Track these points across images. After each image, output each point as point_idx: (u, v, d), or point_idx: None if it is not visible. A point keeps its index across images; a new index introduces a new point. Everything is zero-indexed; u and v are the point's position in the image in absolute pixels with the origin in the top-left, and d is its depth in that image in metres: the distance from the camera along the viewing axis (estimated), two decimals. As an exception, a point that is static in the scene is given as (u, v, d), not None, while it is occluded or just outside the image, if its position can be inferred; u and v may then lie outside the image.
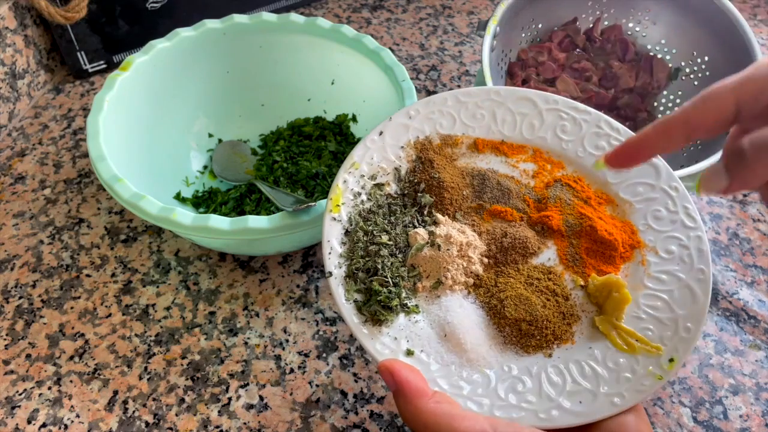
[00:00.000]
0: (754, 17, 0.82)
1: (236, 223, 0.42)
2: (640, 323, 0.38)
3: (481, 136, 0.45)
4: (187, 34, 0.55)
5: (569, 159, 0.44)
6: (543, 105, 0.45)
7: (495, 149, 0.45)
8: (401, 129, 0.44)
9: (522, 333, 0.38)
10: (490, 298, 0.40)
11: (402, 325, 0.38)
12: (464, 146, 0.45)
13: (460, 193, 0.43)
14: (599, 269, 0.41)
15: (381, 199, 0.42)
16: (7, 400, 0.44)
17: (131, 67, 0.51)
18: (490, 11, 0.81)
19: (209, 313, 0.49)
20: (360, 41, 0.55)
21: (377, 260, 0.39)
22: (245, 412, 0.43)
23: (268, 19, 0.56)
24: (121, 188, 0.44)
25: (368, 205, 0.41)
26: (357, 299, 0.38)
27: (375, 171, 0.42)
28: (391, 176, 0.43)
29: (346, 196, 0.41)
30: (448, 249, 0.40)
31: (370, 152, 0.43)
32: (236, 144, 0.59)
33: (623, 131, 0.44)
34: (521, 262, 0.41)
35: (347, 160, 0.42)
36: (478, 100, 0.45)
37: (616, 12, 0.64)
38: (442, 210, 0.42)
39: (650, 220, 0.41)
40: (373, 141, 0.43)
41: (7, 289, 0.50)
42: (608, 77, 0.63)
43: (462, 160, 0.45)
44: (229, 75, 0.59)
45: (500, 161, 0.45)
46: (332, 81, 0.59)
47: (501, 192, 0.43)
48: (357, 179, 0.42)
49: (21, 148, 0.62)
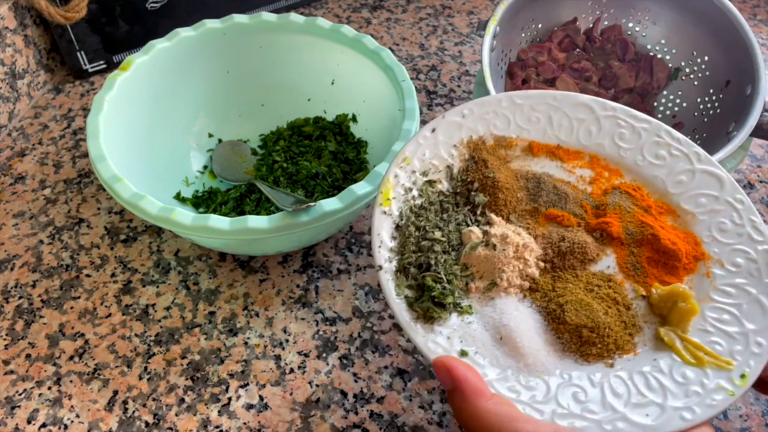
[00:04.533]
0: (754, 17, 0.82)
1: (236, 223, 0.42)
2: (707, 336, 0.37)
3: (536, 139, 0.44)
4: (187, 34, 0.55)
5: (627, 167, 0.43)
6: (600, 111, 0.44)
7: (550, 153, 0.44)
8: (454, 127, 0.43)
9: (582, 340, 0.37)
10: (548, 303, 0.38)
11: (455, 325, 0.36)
12: (518, 149, 0.44)
13: (514, 194, 0.42)
14: (661, 279, 0.39)
15: (433, 196, 0.41)
16: (7, 400, 0.44)
17: (131, 67, 0.51)
18: (490, 11, 0.81)
19: (209, 313, 0.49)
20: (360, 41, 0.55)
21: (430, 256, 0.38)
22: (245, 412, 0.43)
23: (268, 19, 0.56)
24: (121, 188, 0.44)
25: (419, 201, 0.40)
26: (408, 295, 0.37)
27: (427, 167, 0.42)
28: (443, 174, 0.42)
29: (396, 191, 0.40)
30: (504, 249, 0.38)
31: (422, 148, 0.42)
32: (236, 144, 0.59)
33: (683, 141, 0.43)
34: (579, 268, 0.40)
35: (398, 155, 0.41)
36: (533, 102, 0.44)
37: (616, 12, 0.64)
38: (495, 211, 0.41)
39: (715, 232, 0.40)
40: (425, 137, 0.42)
41: (7, 289, 0.50)
42: (608, 77, 0.63)
43: (516, 163, 0.44)
44: (229, 75, 0.59)
45: (556, 166, 0.44)
46: (332, 81, 0.59)
47: (557, 196, 0.42)
48: (408, 174, 0.41)
49: (21, 148, 0.62)
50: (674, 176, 0.43)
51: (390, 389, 0.45)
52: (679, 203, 0.42)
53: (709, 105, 0.58)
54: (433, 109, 0.67)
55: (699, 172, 0.42)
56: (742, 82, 0.54)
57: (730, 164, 0.51)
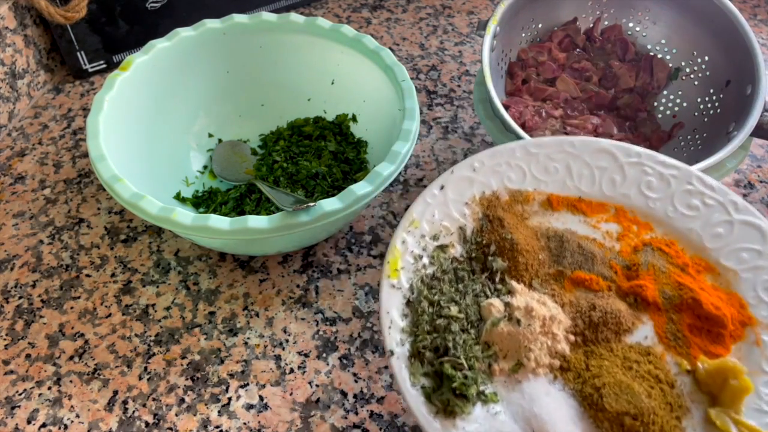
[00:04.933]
0: (754, 17, 0.82)
1: (236, 223, 0.42)
2: (765, 417, 0.32)
3: (555, 191, 0.40)
4: (187, 33, 0.55)
5: (658, 220, 0.39)
6: (623, 158, 0.40)
7: (572, 207, 0.40)
8: (465, 183, 0.39)
9: (625, 429, 0.32)
10: (582, 385, 0.34)
11: (480, 418, 0.32)
12: (536, 203, 0.40)
13: (535, 257, 0.37)
14: (707, 350, 0.35)
15: (445, 263, 0.37)
16: (7, 400, 0.44)
17: (131, 66, 0.52)
18: (490, 11, 0.81)
19: (209, 313, 0.49)
20: (360, 41, 0.55)
21: (447, 337, 0.34)
22: (245, 412, 0.43)
23: (268, 19, 0.56)
24: (121, 188, 0.44)
25: (431, 270, 0.37)
26: (425, 384, 0.32)
27: (437, 230, 0.38)
28: (455, 236, 0.38)
29: (405, 259, 0.36)
30: (530, 324, 0.34)
31: (431, 208, 0.38)
32: (236, 144, 0.59)
33: (718, 188, 0.39)
34: (614, 340, 0.35)
35: (405, 217, 0.38)
36: (550, 151, 0.40)
37: (616, 12, 0.64)
38: (516, 276, 0.37)
39: (761, 292, 0.36)
40: (434, 196, 0.38)
41: (7, 289, 0.50)
42: (608, 77, 0.63)
43: (534, 219, 0.40)
44: (229, 75, 0.59)
45: (578, 221, 0.40)
46: (332, 81, 0.59)
47: (583, 256, 0.38)
48: (417, 240, 0.37)
49: (21, 148, 0.62)
50: (710, 229, 0.39)
51: (390, 389, 0.45)
52: (719, 259, 0.38)
53: (709, 105, 0.58)
54: (433, 108, 0.67)
55: (738, 223, 0.38)
56: (742, 82, 0.54)
57: (730, 164, 0.51)
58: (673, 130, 0.60)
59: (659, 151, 0.59)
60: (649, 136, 0.60)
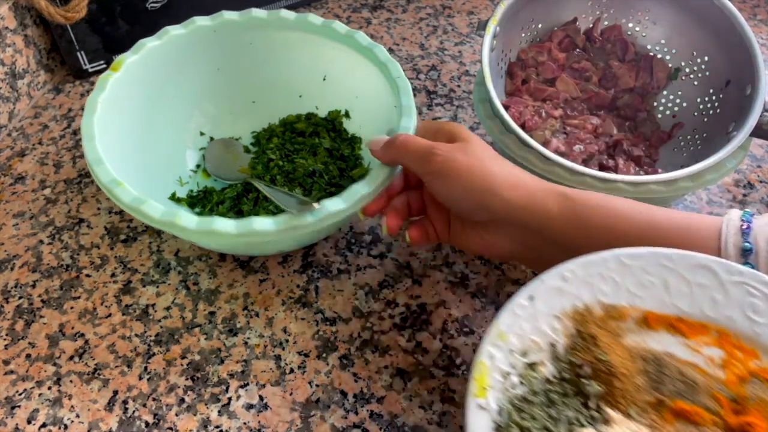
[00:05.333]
0: (754, 17, 0.82)
1: (242, 226, 0.41)
2: None
3: (652, 309, 0.37)
4: (177, 32, 0.54)
5: (765, 348, 0.35)
6: (725, 276, 0.36)
7: (670, 327, 0.37)
8: (554, 294, 0.36)
9: None
10: None
11: None
12: (632, 320, 0.37)
13: (632, 381, 0.34)
14: None
15: (536, 383, 0.34)
16: (7, 400, 0.44)
17: (122, 67, 0.51)
18: (490, 11, 0.81)
19: (209, 313, 0.49)
20: (352, 37, 0.54)
21: None
22: (245, 412, 0.43)
23: (258, 16, 0.56)
24: (121, 192, 0.43)
25: (521, 391, 0.34)
26: None
27: (526, 346, 0.35)
28: (546, 354, 0.35)
29: (493, 377, 0.33)
30: None
31: (519, 321, 0.35)
32: (228, 142, 0.59)
33: None
34: None
35: (492, 327, 0.35)
36: (644, 263, 0.37)
37: (616, 12, 0.64)
38: (612, 403, 0.34)
39: None
40: (523, 307, 0.36)
41: (7, 289, 0.50)
42: (608, 77, 0.63)
43: (630, 338, 0.36)
44: (220, 72, 0.58)
45: (677, 342, 0.36)
46: (324, 77, 0.59)
47: (684, 384, 0.34)
48: (505, 355, 0.34)
49: (21, 148, 0.62)
50: None
51: (390, 389, 0.45)
52: None
53: (709, 105, 0.58)
54: (433, 108, 0.67)
55: None
56: (742, 82, 0.54)
57: (730, 164, 0.51)
58: (673, 130, 0.60)
59: (659, 151, 0.60)
60: (649, 136, 0.60)
